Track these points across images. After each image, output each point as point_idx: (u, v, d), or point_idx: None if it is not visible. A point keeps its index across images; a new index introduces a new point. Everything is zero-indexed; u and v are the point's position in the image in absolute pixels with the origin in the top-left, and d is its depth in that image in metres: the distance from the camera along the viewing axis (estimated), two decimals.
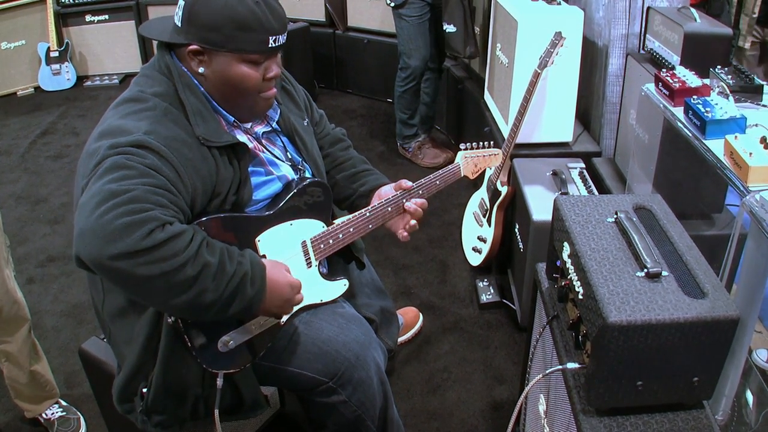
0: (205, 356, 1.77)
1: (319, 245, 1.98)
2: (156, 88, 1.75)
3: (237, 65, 1.75)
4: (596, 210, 1.72)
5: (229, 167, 1.77)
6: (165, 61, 1.78)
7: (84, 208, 1.48)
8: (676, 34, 2.59)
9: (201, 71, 1.76)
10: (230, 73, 1.75)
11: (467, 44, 4.12)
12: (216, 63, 1.75)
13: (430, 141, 4.74)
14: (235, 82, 1.77)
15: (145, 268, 1.47)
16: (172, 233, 1.50)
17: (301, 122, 2.11)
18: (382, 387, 2.11)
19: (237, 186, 1.80)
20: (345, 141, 2.35)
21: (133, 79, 1.85)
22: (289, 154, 2.02)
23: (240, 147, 1.80)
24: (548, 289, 1.92)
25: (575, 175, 3.01)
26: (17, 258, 3.65)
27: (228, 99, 1.81)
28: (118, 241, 1.44)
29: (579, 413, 1.54)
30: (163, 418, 1.87)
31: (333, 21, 5.74)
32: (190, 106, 1.73)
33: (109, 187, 1.49)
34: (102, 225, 1.44)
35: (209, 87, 1.79)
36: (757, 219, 1.70)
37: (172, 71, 1.76)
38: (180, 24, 1.74)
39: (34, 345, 2.52)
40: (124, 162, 1.54)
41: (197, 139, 1.71)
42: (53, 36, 6.17)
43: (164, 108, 1.71)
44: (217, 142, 1.73)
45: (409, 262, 3.64)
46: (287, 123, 2.05)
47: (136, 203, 1.48)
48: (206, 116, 1.75)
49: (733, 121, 2.01)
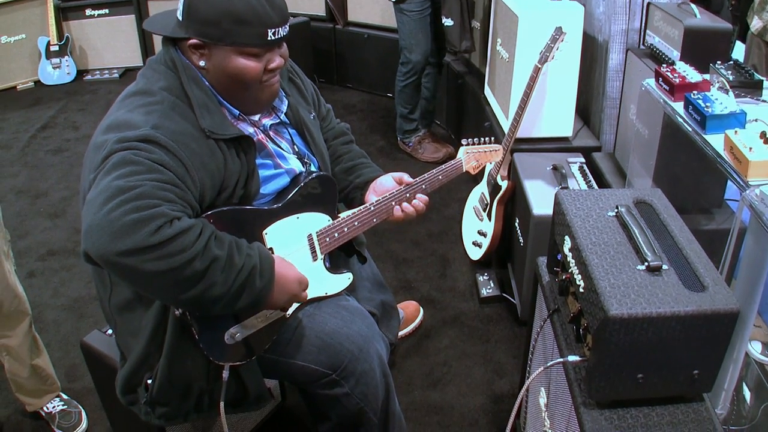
0: (212, 349, 1.78)
1: (324, 238, 1.99)
2: (162, 81, 1.75)
3: (236, 58, 1.74)
4: (597, 204, 1.73)
5: (236, 160, 1.78)
6: (170, 54, 1.78)
7: (92, 204, 1.49)
8: (676, 30, 2.60)
9: (202, 65, 1.76)
10: (230, 67, 1.75)
11: (463, 38, 4.13)
12: (216, 56, 1.75)
13: (430, 136, 4.74)
14: (235, 75, 1.77)
15: (154, 263, 1.47)
16: (180, 229, 1.50)
17: (308, 115, 2.11)
18: (385, 380, 2.12)
19: (245, 179, 1.80)
20: (347, 135, 2.36)
21: (140, 71, 1.85)
22: (296, 147, 2.03)
23: (246, 140, 1.80)
24: (549, 282, 1.93)
25: (575, 169, 3.02)
26: (18, 252, 3.65)
27: (231, 92, 1.82)
28: (126, 237, 1.44)
29: (580, 406, 1.55)
30: (167, 410, 1.88)
31: (333, 16, 5.73)
32: (196, 99, 1.73)
33: (116, 183, 1.49)
34: (110, 221, 1.45)
35: (212, 80, 1.79)
36: (757, 213, 1.71)
37: (177, 65, 1.76)
38: (181, 18, 1.74)
39: (35, 339, 2.52)
40: (131, 158, 1.55)
41: (204, 132, 1.71)
42: (53, 30, 6.16)
43: (172, 102, 1.71)
44: (223, 135, 1.74)
45: (410, 257, 3.65)
46: (296, 115, 2.05)
47: (144, 199, 1.49)
48: (212, 109, 1.76)
49: (733, 116, 2.01)
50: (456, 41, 4.15)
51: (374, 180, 2.22)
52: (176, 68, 1.76)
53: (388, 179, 2.20)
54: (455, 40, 4.15)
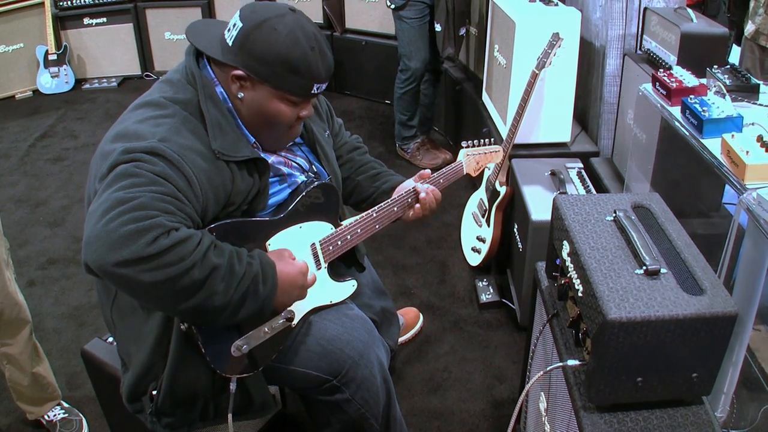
0: (219, 361, 1.78)
1: (328, 247, 1.99)
2: (179, 95, 1.74)
3: (276, 101, 1.76)
4: (595, 209, 1.74)
5: (248, 179, 1.78)
6: (191, 68, 1.77)
7: (92, 216, 1.49)
8: (672, 35, 2.61)
9: (240, 96, 1.76)
10: (267, 107, 1.76)
11: (446, 45, 4.15)
12: (256, 93, 1.75)
13: (428, 142, 4.75)
14: (269, 116, 1.78)
15: (151, 274, 1.47)
16: (177, 239, 1.50)
17: (323, 133, 2.12)
18: (386, 385, 2.12)
19: (253, 197, 1.81)
20: (362, 147, 2.40)
21: (157, 81, 1.85)
22: (315, 167, 2.04)
23: (260, 161, 1.80)
24: (548, 287, 1.93)
25: (573, 175, 3.02)
26: (17, 261, 3.65)
27: (257, 126, 1.82)
28: (123, 248, 1.45)
29: (580, 410, 1.56)
30: (172, 419, 1.88)
31: (331, 23, 5.74)
32: (210, 118, 1.73)
33: (116, 195, 1.50)
34: (107, 232, 1.45)
35: (242, 110, 1.79)
36: (754, 216, 1.71)
37: (197, 81, 1.75)
38: (231, 44, 1.72)
39: (35, 347, 2.52)
40: (133, 170, 1.54)
41: (213, 152, 1.70)
42: (51, 39, 6.16)
43: (183, 117, 1.70)
44: (234, 157, 1.73)
45: (409, 263, 3.66)
46: (310, 134, 2.06)
47: (142, 210, 1.49)
48: (225, 129, 1.75)
49: (730, 120, 2.02)
50: (440, 47, 4.18)
51: (400, 183, 2.24)
52: (195, 84, 1.76)
53: (411, 182, 2.23)
54: (440, 45, 4.18)
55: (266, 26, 1.69)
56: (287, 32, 1.69)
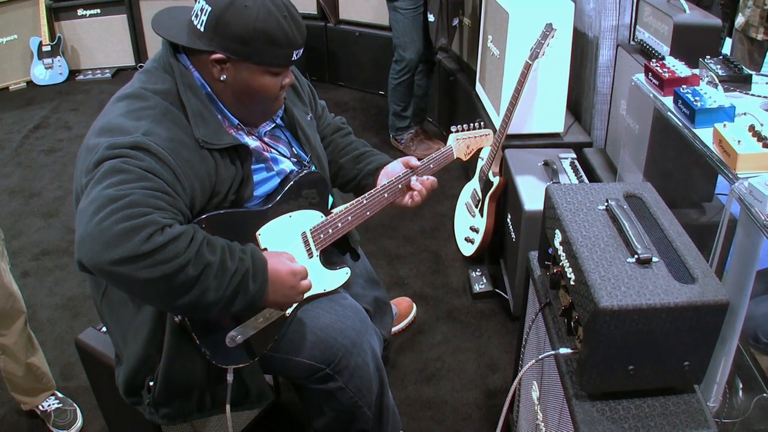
0: (215, 353, 1.78)
1: (318, 235, 2.00)
2: (158, 85, 1.74)
3: (260, 76, 1.76)
4: (587, 198, 1.74)
5: (230, 167, 1.78)
6: (168, 58, 1.77)
7: (83, 213, 1.49)
8: (665, 25, 2.61)
9: (222, 78, 1.76)
10: (252, 83, 1.77)
11: (440, 35, 4.16)
12: (239, 72, 1.75)
13: (422, 133, 4.75)
14: (256, 92, 1.78)
15: (146, 271, 1.47)
16: (171, 236, 1.50)
17: (304, 116, 2.12)
18: (378, 374, 2.13)
19: (238, 185, 1.81)
20: (345, 128, 2.38)
21: (136, 72, 1.85)
22: (295, 150, 2.04)
23: (241, 148, 1.80)
24: (540, 276, 1.94)
25: (566, 165, 3.03)
26: (12, 252, 3.64)
27: (242, 105, 1.82)
28: (118, 246, 1.45)
29: (572, 398, 1.56)
30: (169, 410, 1.89)
31: (324, 14, 5.72)
32: (191, 107, 1.72)
33: (107, 193, 1.49)
34: (102, 231, 1.45)
35: (224, 92, 1.79)
36: (746, 205, 1.72)
37: (175, 70, 1.75)
38: (203, 30, 1.71)
39: (30, 338, 2.53)
40: (121, 166, 1.54)
41: (196, 140, 1.70)
42: (45, 30, 6.14)
43: (164, 108, 1.70)
44: (217, 145, 1.73)
45: (403, 253, 3.66)
46: (291, 118, 2.05)
47: (135, 207, 1.49)
48: (207, 117, 1.74)
49: (722, 110, 2.03)
50: (433, 38, 4.18)
51: (384, 165, 2.24)
52: (173, 73, 1.76)
53: (397, 164, 2.22)
54: (433, 36, 4.17)
55: (237, 5, 1.68)
56: (258, 6, 1.69)
